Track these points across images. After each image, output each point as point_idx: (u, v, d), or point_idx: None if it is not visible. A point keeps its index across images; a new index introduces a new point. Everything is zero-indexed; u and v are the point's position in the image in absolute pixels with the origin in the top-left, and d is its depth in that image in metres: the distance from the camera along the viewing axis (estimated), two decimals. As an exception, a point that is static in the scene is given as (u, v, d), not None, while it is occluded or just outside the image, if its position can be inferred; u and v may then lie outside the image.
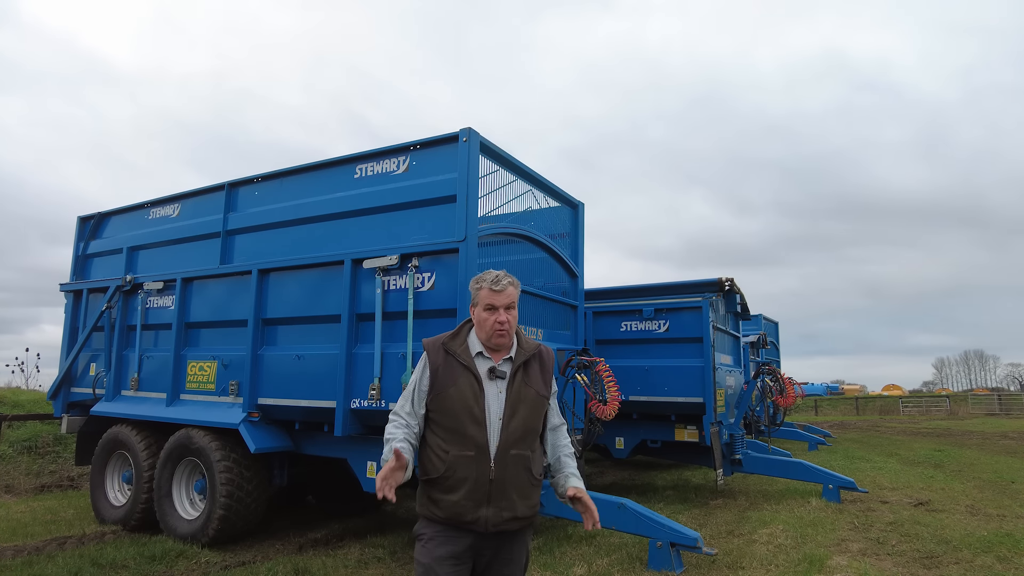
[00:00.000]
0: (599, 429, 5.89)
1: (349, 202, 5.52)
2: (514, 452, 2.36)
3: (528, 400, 2.43)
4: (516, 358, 2.48)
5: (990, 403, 34.61)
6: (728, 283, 8.46)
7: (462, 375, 2.40)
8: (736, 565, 5.07)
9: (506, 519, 2.33)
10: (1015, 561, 5.18)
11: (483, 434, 2.33)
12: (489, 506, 2.30)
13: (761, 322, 16.00)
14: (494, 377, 2.42)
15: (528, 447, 2.42)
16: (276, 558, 5.35)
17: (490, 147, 5.24)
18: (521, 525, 2.41)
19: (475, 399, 2.36)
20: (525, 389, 2.43)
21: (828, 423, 24.62)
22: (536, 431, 2.49)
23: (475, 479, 2.30)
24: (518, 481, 2.36)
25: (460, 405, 2.36)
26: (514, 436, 2.36)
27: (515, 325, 2.50)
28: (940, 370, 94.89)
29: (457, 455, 2.33)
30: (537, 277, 6.07)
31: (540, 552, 5.43)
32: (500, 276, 2.47)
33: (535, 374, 2.49)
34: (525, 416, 2.41)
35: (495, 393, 2.41)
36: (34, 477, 9.10)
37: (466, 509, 2.29)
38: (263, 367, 5.66)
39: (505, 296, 2.44)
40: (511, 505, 2.33)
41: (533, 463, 2.44)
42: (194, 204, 6.80)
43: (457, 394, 2.37)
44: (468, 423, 2.34)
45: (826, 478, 7.89)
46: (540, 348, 2.58)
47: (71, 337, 7.57)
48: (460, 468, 2.32)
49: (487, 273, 2.50)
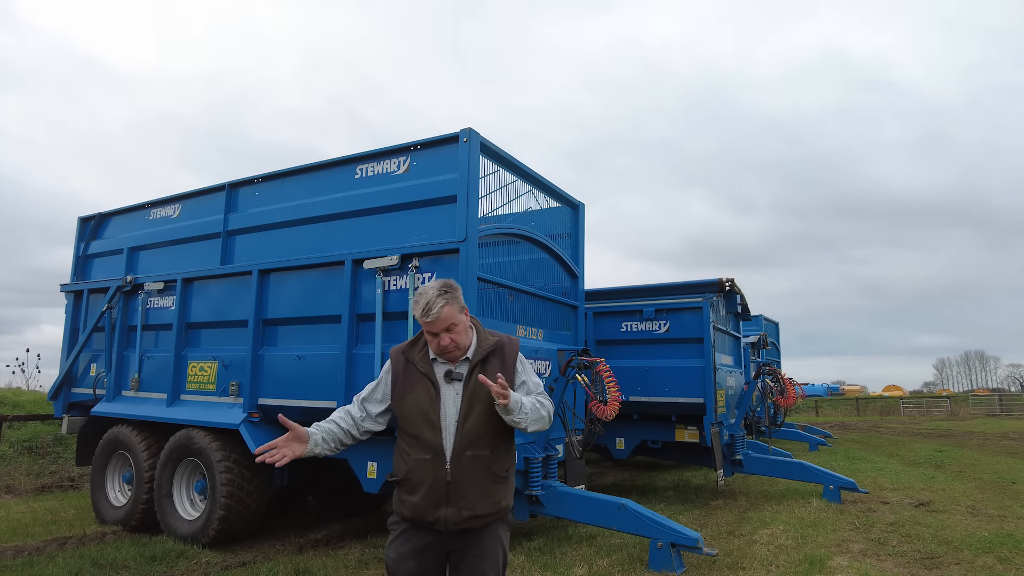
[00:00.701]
0: (599, 429, 5.89)
1: (350, 202, 5.52)
2: (470, 453, 2.39)
3: (483, 399, 2.42)
4: (473, 358, 2.50)
5: (991, 404, 34.56)
6: (728, 283, 8.46)
7: (419, 381, 2.47)
8: (737, 566, 5.06)
9: (466, 518, 2.37)
10: (1016, 562, 5.17)
11: (438, 437, 2.39)
12: (448, 506, 2.36)
13: (762, 322, 16.00)
14: (451, 380, 2.47)
15: (486, 447, 2.43)
16: (276, 558, 5.35)
17: (490, 147, 5.25)
18: (485, 522, 2.43)
19: (431, 404, 2.43)
20: (480, 388, 2.42)
21: (829, 424, 24.61)
22: (495, 430, 2.46)
23: (432, 481, 2.37)
24: (476, 481, 2.39)
25: (417, 411, 2.43)
26: (469, 437, 2.40)
27: (464, 336, 2.50)
28: (941, 371, 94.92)
29: (416, 458, 2.42)
30: (537, 277, 6.07)
31: (540, 552, 5.43)
32: (431, 304, 2.41)
33: (492, 371, 2.47)
34: (481, 415, 2.42)
35: (452, 396, 2.45)
36: (35, 477, 9.11)
37: (426, 510, 2.38)
38: (264, 367, 5.66)
39: (440, 322, 2.42)
40: (470, 504, 2.38)
41: (494, 462, 2.45)
42: (195, 204, 6.80)
43: (414, 400, 2.45)
44: (424, 428, 2.41)
45: (827, 479, 7.89)
46: (501, 342, 2.57)
47: (71, 337, 7.57)
48: (419, 471, 2.40)
49: (422, 296, 2.46)
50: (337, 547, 5.77)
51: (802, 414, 30.41)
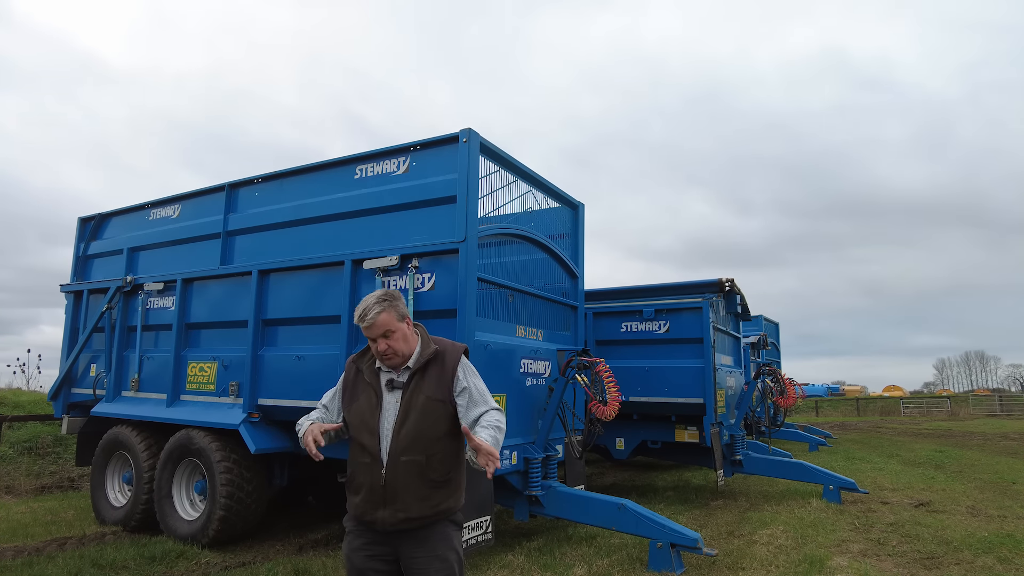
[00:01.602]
0: (599, 430, 5.89)
1: (349, 203, 5.52)
2: (404, 458, 2.46)
3: (418, 407, 2.50)
4: (414, 366, 2.57)
5: (991, 404, 34.54)
6: (728, 284, 8.46)
7: (364, 390, 2.59)
8: (736, 566, 5.07)
9: (401, 519, 2.45)
10: (1016, 562, 5.17)
11: (375, 443, 2.49)
12: (385, 508, 2.46)
13: (762, 323, 16.01)
14: (393, 388, 2.56)
15: (421, 452, 2.47)
16: (276, 559, 5.35)
17: (490, 148, 5.25)
18: (422, 523, 2.47)
19: (371, 412, 2.53)
20: (416, 396, 2.52)
21: (829, 424, 24.61)
22: (432, 436, 2.50)
23: (370, 484, 2.48)
24: (410, 486, 2.46)
25: (359, 419, 2.55)
26: (403, 443, 2.47)
27: (403, 343, 2.56)
28: (941, 371, 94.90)
29: (358, 462, 2.54)
30: (537, 278, 6.07)
31: (540, 553, 5.43)
32: (368, 310, 2.52)
33: (431, 379, 2.54)
34: (416, 422, 2.49)
35: (392, 403, 2.54)
36: (34, 478, 9.10)
37: (365, 511, 2.49)
38: (263, 368, 5.67)
39: (376, 328, 2.51)
40: (405, 507, 2.45)
41: (429, 467, 2.48)
42: (194, 205, 6.81)
43: (357, 408, 2.57)
44: (364, 434, 2.52)
45: (827, 479, 7.89)
46: (442, 350, 2.61)
47: (71, 338, 7.57)
48: (360, 474, 2.52)
49: (361, 303, 2.57)
50: (337, 547, 5.77)
51: (802, 414, 30.40)
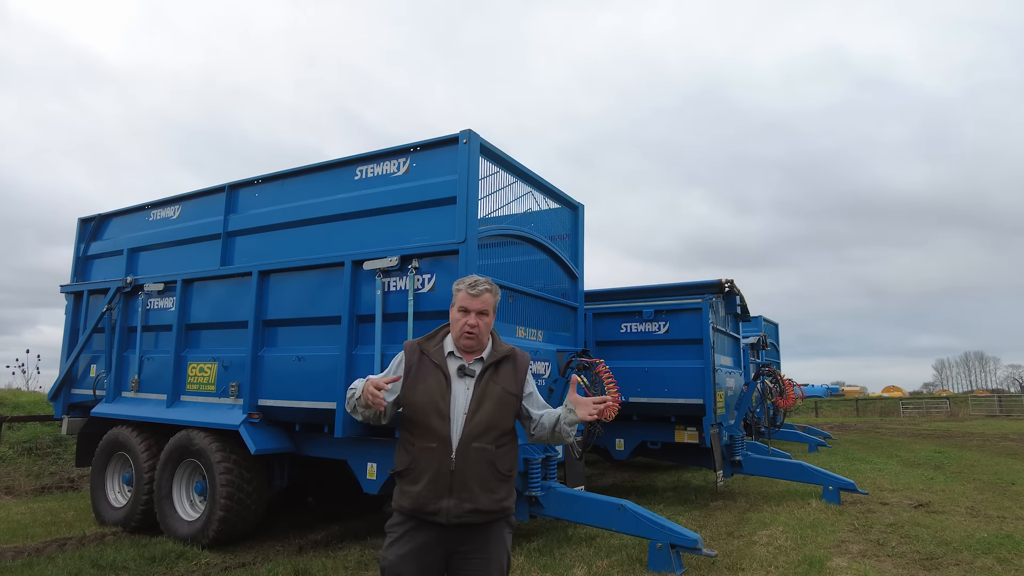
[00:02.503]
0: (599, 430, 5.90)
1: (349, 204, 5.53)
2: (476, 445, 2.42)
3: (494, 396, 2.49)
4: (488, 359, 2.57)
5: (990, 405, 34.59)
6: (728, 284, 8.46)
7: (432, 372, 2.51)
8: (736, 567, 5.07)
9: (467, 511, 2.38)
10: (1015, 563, 5.18)
11: (446, 427, 2.41)
12: (450, 497, 2.37)
13: (761, 324, 16.03)
14: (463, 375, 2.52)
15: (492, 442, 2.46)
16: (276, 559, 5.35)
17: (490, 149, 5.25)
18: (486, 519, 2.44)
19: (441, 394, 2.46)
20: (492, 386, 2.50)
21: (828, 425, 24.62)
22: (503, 428, 2.51)
23: (436, 470, 2.38)
24: (480, 474, 2.41)
25: (426, 399, 2.46)
26: (477, 430, 2.43)
27: (486, 331, 2.58)
28: (940, 371, 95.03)
29: (421, 447, 2.43)
30: (537, 279, 6.08)
31: (540, 554, 5.44)
32: (479, 281, 2.56)
33: (506, 373, 2.56)
34: (490, 411, 2.47)
35: (463, 389, 2.49)
36: (34, 478, 9.11)
37: (428, 500, 2.37)
38: (263, 368, 5.67)
39: (480, 301, 2.52)
40: (472, 497, 2.39)
41: (498, 458, 2.47)
42: (195, 206, 6.81)
43: (425, 389, 2.48)
44: (432, 416, 2.43)
45: (826, 480, 7.90)
46: (515, 351, 2.64)
47: (71, 338, 7.57)
48: (423, 459, 2.41)
49: (469, 276, 2.62)
50: (337, 548, 5.78)
51: (801, 415, 30.41)
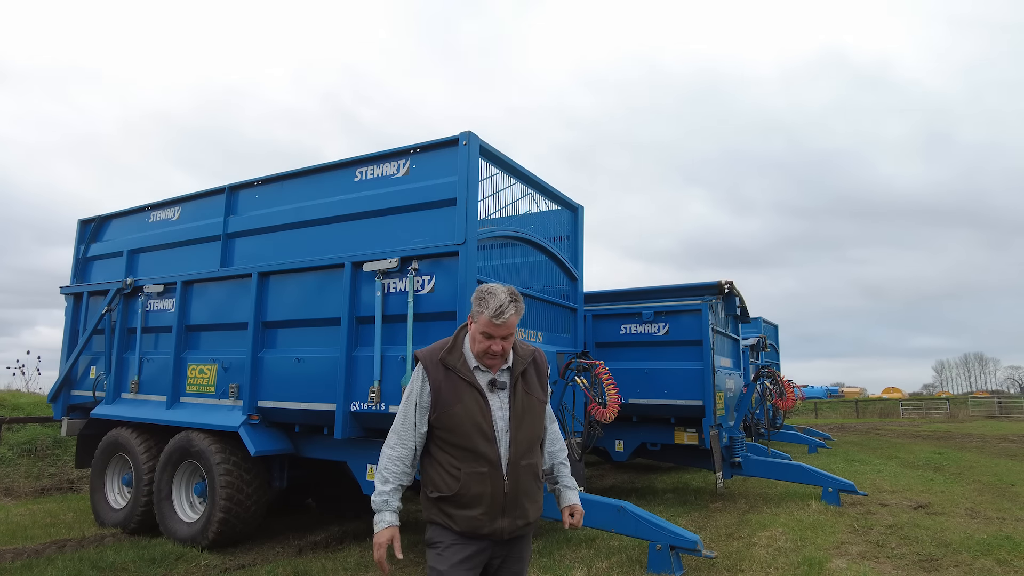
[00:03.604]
0: (598, 432, 5.89)
1: (349, 205, 5.53)
2: (524, 463, 2.40)
3: (531, 409, 2.45)
4: (514, 367, 2.46)
5: (990, 406, 34.57)
6: (727, 286, 8.47)
7: (467, 392, 2.36)
8: (736, 568, 5.07)
9: (520, 526, 2.40)
10: (1015, 564, 5.18)
11: (494, 450, 2.33)
12: (504, 517, 2.35)
13: (761, 325, 16.03)
14: (495, 389, 2.40)
15: (535, 455, 2.49)
16: (276, 561, 5.35)
17: (490, 150, 5.26)
18: (532, 528, 2.51)
19: (483, 415, 2.35)
20: (528, 398, 2.44)
21: (828, 426, 24.61)
22: (540, 436, 2.55)
23: (491, 494, 2.32)
24: (529, 490, 2.42)
25: (469, 422, 2.33)
26: (523, 447, 2.40)
27: (510, 348, 2.44)
28: (940, 373, 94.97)
29: (471, 472, 2.32)
30: (537, 280, 6.09)
31: (540, 555, 5.44)
32: (504, 307, 2.33)
33: (533, 380, 2.51)
34: (531, 425, 2.45)
35: (498, 405, 2.40)
36: (34, 480, 9.10)
37: (483, 523, 2.32)
38: (263, 370, 5.67)
39: (505, 328, 2.35)
40: (524, 513, 2.40)
41: (540, 468, 2.54)
42: (194, 207, 6.82)
43: (464, 411, 2.34)
44: (479, 440, 2.32)
45: (826, 481, 7.90)
46: (535, 353, 2.59)
47: (71, 340, 7.57)
48: (475, 484, 2.32)
49: (493, 297, 2.36)
50: (336, 549, 5.78)
51: (801, 416, 30.43)
